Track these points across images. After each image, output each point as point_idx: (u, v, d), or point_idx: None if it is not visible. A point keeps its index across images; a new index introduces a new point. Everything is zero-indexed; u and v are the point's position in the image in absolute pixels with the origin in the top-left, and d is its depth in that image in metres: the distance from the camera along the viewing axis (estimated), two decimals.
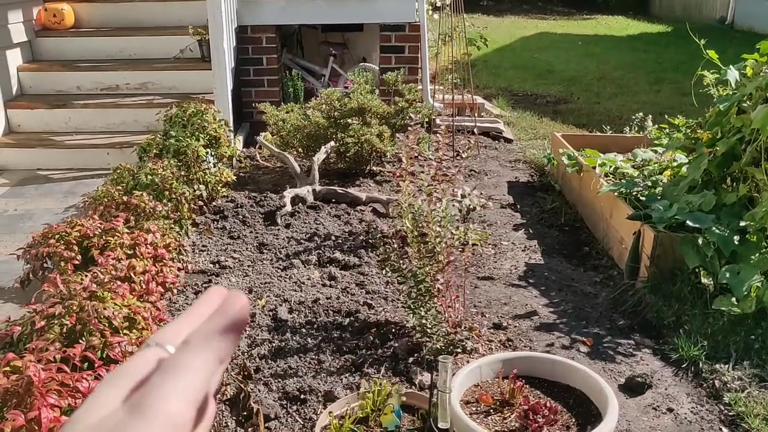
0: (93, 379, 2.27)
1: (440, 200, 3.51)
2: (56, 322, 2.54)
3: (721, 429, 2.86)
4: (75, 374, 2.19)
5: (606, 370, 3.25)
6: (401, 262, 3.35)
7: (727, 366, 3.20)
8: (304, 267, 4.18)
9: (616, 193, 4.35)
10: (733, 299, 3.47)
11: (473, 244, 4.53)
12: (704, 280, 3.66)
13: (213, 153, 5.07)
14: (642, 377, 3.12)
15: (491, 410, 2.25)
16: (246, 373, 2.21)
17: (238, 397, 2.15)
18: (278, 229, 4.68)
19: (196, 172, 4.78)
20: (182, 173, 4.56)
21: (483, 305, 3.82)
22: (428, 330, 3.21)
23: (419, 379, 3.10)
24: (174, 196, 4.25)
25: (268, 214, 4.91)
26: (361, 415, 2.36)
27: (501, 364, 2.44)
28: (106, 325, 2.59)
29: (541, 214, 5.17)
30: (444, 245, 3.23)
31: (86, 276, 2.87)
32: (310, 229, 4.70)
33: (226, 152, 5.12)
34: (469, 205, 4.62)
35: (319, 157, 5.41)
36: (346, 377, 3.12)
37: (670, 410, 2.97)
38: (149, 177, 4.20)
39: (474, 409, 2.26)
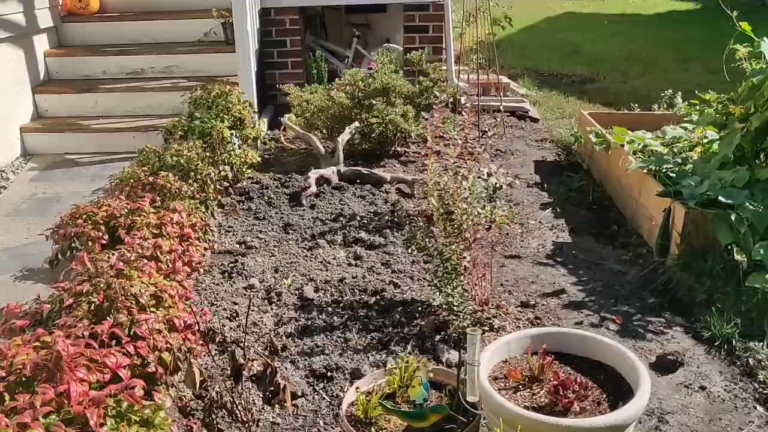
0: (121, 356, 2.28)
1: (466, 178, 3.48)
2: (84, 299, 2.55)
3: (755, 407, 2.81)
4: (103, 350, 2.20)
5: (636, 348, 3.20)
6: (427, 240, 3.32)
7: (761, 344, 3.13)
8: (330, 247, 4.17)
9: (645, 170, 4.27)
10: (767, 276, 3.40)
11: (500, 223, 4.49)
12: (737, 257, 3.59)
13: (238, 134, 5.06)
14: (673, 355, 3.07)
15: (520, 386, 2.22)
16: (273, 348, 2.20)
17: (264, 373, 2.15)
18: (303, 210, 4.67)
19: (221, 154, 4.78)
20: (207, 155, 4.57)
21: (510, 284, 3.78)
22: (454, 308, 3.19)
23: (446, 357, 3.07)
24: (199, 177, 4.25)
25: (293, 195, 4.90)
26: (388, 391, 2.35)
27: (530, 340, 2.40)
28: (133, 302, 2.60)
29: (569, 193, 5.10)
30: (470, 223, 3.19)
31: (113, 254, 2.88)
32: (335, 209, 4.68)
33: (250, 134, 5.11)
34: (495, 183, 4.56)
35: (344, 137, 5.38)
36: (372, 355, 3.10)
37: (703, 388, 2.91)
38: (174, 158, 4.21)
39: (503, 384, 2.23)
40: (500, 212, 3.27)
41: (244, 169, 5.00)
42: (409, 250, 3.43)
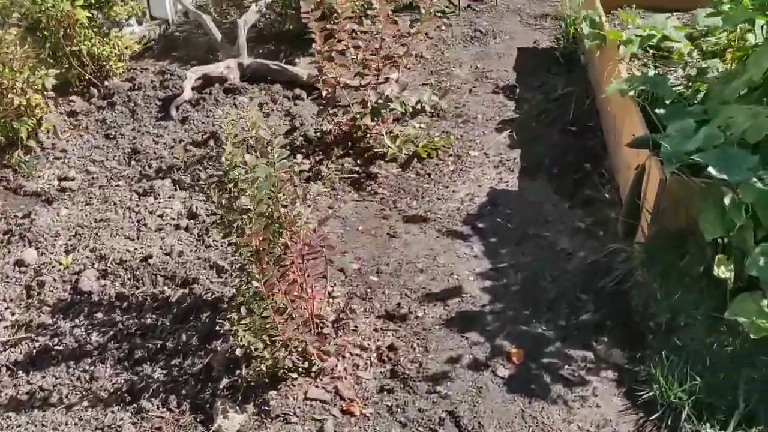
0: None
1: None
2: None
3: None
4: None
5: (525, 417, 2.05)
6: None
7: (727, 424, 1.96)
8: (171, 190, 3.05)
9: (630, 93, 2.86)
10: (765, 302, 2.13)
11: (421, 157, 3.24)
12: (720, 270, 2.27)
13: (106, 15, 3.84)
14: None
15: None
16: None
17: None
18: (167, 126, 3.51)
19: (77, 43, 3.62)
20: (41, 48, 3.43)
21: (389, 272, 2.62)
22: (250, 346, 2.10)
23: (218, 424, 2.02)
24: (16, 86, 3.15)
25: (167, 101, 3.71)
26: None
27: None
28: None
29: (546, 104, 3.72)
30: (259, 226, 1.99)
31: None
32: (212, 126, 3.50)
33: (119, 13, 3.85)
34: (416, 104, 3.27)
35: (248, 18, 4.05)
36: (112, 413, 2.08)
37: None
38: None
39: None
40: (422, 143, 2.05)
41: (112, 63, 3.83)
42: None
